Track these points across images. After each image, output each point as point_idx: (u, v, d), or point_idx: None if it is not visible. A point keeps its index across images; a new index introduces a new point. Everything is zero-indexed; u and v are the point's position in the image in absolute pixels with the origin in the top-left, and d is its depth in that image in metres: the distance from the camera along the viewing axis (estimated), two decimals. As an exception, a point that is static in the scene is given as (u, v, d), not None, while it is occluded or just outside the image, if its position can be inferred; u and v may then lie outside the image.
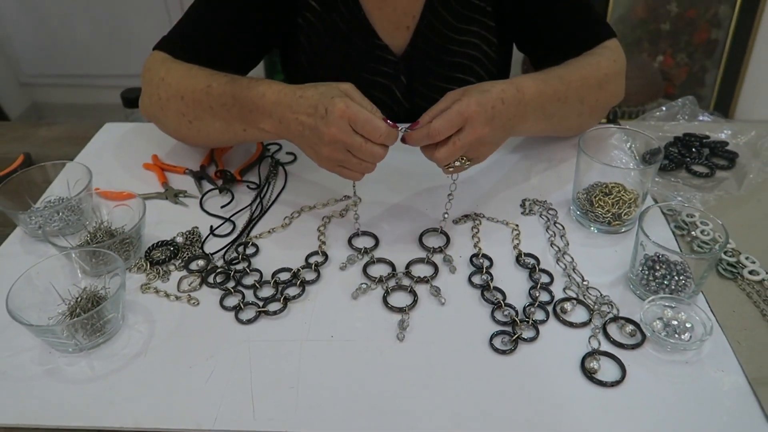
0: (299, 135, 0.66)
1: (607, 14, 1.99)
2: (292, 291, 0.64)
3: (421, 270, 0.67)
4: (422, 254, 0.69)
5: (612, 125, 0.79)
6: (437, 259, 0.69)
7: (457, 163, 0.65)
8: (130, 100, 1.46)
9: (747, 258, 0.67)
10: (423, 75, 0.91)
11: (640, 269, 0.63)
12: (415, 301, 0.63)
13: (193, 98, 0.76)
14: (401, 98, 0.92)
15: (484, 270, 0.66)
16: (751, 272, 0.65)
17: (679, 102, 0.94)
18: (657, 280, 0.62)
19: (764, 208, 0.76)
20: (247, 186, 0.81)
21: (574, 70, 0.78)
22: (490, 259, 0.68)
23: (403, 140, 0.65)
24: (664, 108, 0.94)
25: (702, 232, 0.69)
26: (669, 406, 0.52)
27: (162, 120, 0.82)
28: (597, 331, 0.59)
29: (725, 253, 0.68)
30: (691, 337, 0.57)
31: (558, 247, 0.70)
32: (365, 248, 0.69)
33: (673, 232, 0.71)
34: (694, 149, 0.85)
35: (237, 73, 0.77)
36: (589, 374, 0.55)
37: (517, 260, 0.68)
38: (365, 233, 0.72)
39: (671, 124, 0.92)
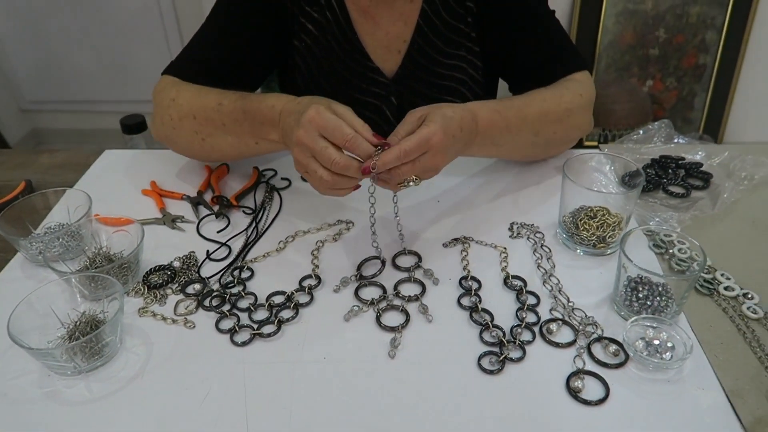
0: (288, 141, 0.70)
1: (597, 40, 2.04)
2: (286, 314, 0.66)
3: (410, 289, 0.69)
4: (405, 275, 0.71)
5: (592, 150, 0.82)
6: (420, 274, 0.71)
7: (411, 183, 0.67)
8: (129, 126, 1.49)
9: (722, 275, 0.69)
10: (412, 96, 0.95)
11: (624, 290, 0.65)
12: (407, 320, 0.65)
13: (205, 116, 0.80)
14: (391, 118, 0.96)
15: (473, 292, 0.68)
16: (726, 288, 0.67)
17: (656, 125, 0.98)
18: (640, 301, 0.64)
19: (737, 227, 0.78)
20: (243, 211, 0.83)
21: (534, 102, 0.81)
22: (478, 282, 0.70)
23: (368, 170, 0.65)
24: (641, 131, 0.97)
25: (679, 250, 0.71)
26: (651, 423, 0.54)
27: (175, 140, 0.86)
28: (582, 351, 0.61)
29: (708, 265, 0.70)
30: (672, 356, 0.59)
31: (545, 269, 0.72)
32: (359, 273, 0.71)
33: (657, 254, 0.73)
34: (670, 170, 0.88)
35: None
36: (574, 393, 0.56)
37: (505, 282, 0.70)
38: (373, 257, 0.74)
39: (648, 147, 0.95)
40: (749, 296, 0.67)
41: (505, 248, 0.75)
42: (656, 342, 0.60)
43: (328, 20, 0.90)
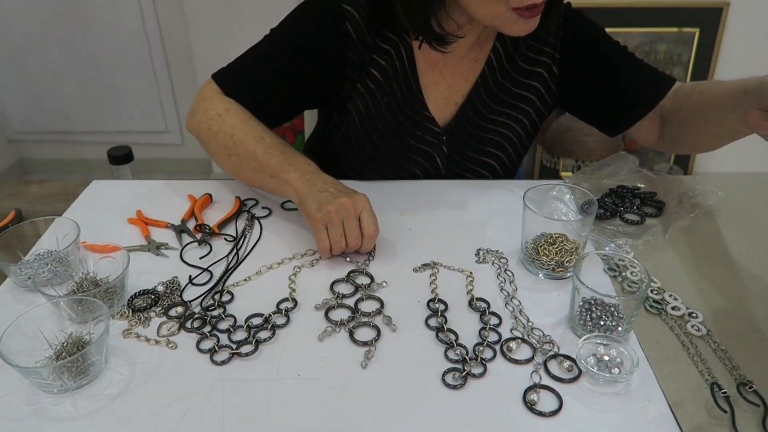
0: (318, 191, 0.81)
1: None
2: (263, 334, 0.70)
3: (370, 305, 0.75)
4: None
5: (552, 181, 0.88)
6: (381, 293, 0.77)
7: None
8: (116, 157, 1.53)
9: (670, 296, 0.75)
10: (461, 147, 1.02)
11: (579, 311, 0.70)
12: (378, 335, 0.70)
13: (242, 140, 0.89)
14: (440, 166, 1.02)
15: (439, 313, 0.73)
16: (673, 308, 0.73)
17: (615, 157, 1.05)
18: (593, 321, 0.69)
19: (685, 252, 0.85)
20: (225, 239, 0.87)
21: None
22: (445, 303, 0.75)
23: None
24: (600, 161, 1.04)
25: (631, 273, 0.77)
26: (600, 432, 0.58)
27: (204, 140, 0.95)
28: (539, 366, 0.66)
29: (651, 291, 0.76)
30: (620, 370, 0.64)
31: (507, 292, 0.77)
32: (341, 293, 0.77)
33: (610, 276, 0.79)
34: (627, 199, 0.95)
35: (275, 121, 0.98)
36: (529, 405, 0.61)
37: (470, 304, 0.75)
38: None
39: (609, 177, 1.02)
40: (694, 315, 0.72)
41: (471, 272, 0.80)
42: (606, 358, 0.65)
43: (395, 69, 0.96)
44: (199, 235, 0.87)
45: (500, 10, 0.81)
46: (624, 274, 0.78)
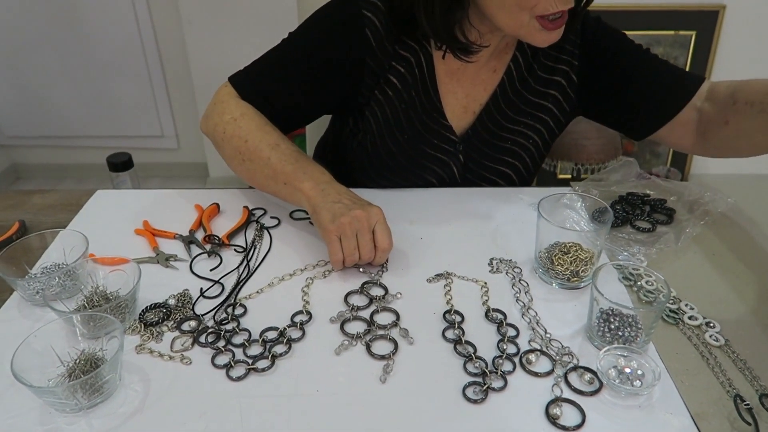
0: (331, 201, 0.80)
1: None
2: (279, 348, 0.69)
3: (386, 317, 0.74)
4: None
5: (564, 189, 0.88)
6: (396, 304, 0.76)
7: None
8: (116, 164, 1.51)
9: (687, 305, 0.75)
10: (478, 155, 1.01)
11: (597, 322, 0.69)
12: (396, 348, 0.69)
13: (257, 146, 0.88)
14: (456, 175, 1.01)
15: (456, 325, 0.72)
16: (690, 318, 0.73)
17: (620, 162, 1.05)
18: (612, 332, 0.68)
19: (699, 259, 0.85)
20: (235, 249, 0.86)
21: None
22: (461, 315, 0.74)
23: None
24: (607, 167, 1.04)
25: (647, 282, 0.77)
26: (624, 447, 0.58)
27: (219, 144, 0.94)
28: (559, 379, 0.65)
29: (668, 301, 0.75)
30: (642, 383, 0.63)
31: (523, 303, 0.76)
32: (356, 306, 0.76)
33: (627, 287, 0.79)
34: (637, 207, 0.94)
35: (290, 126, 0.97)
36: (552, 420, 0.60)
37: (486, 315, 0.74)
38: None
39: (617, 185, 1.02)
40: (711, 325, 0.72)
41: (485, 283, 0.80)
42: (627, 370, 0.65)
43: (414, 76, 0.95)
44: (208, 246, 0.86)
45: (524, 19, 0.81)
46: (639, 283, 0.78)
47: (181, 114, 2.61)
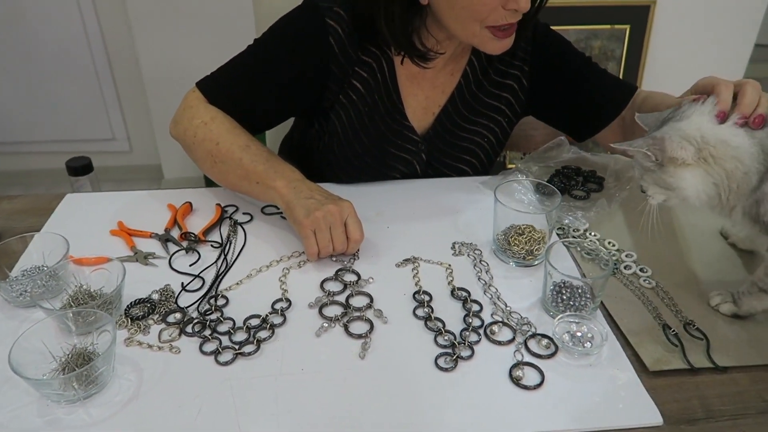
0: (304, 198, 0.85)
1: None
2: (263, 334, 0.74)
3: (361, 300, 0.80)
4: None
5: (510, 169, 1.00)
6: (369, 288, 0.82)
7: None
8: (75, 168, 1.51)
9: (626, 255, 0.89)
10: (439, 153, 1.07)
11: (551, 294, 0.77)
12: (371, 327, 0.75)
13: (228, 148, 0.92)
14: (419, 171, 1.07)
15: (425, 304, 0.79)
16: (625, 267, 0.87)
17: (555, 143, 1.14)
18: (564, 302, 0.76)
19: (629, 219, 0.98)
20: (211, 245, 0.90)
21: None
22: (429, 295, 0.81)
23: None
24: (543, 147, 1.14)
25: (596, 241, 0.91)
26: (579, 400, 0.66)
27: (189, 147, 0.98)
28: (520, 346, 0.73)
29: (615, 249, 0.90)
30: (592, 345, 0.71)
31: (484, 281, 0.83)
32: (332, 291, 0.81)
33: (575, 261, 0.87)
34: (572, 179, 1.06)
35: (258, 128, 1.01)
36: (516, 381, 0.68)
37: (452, 294, 0.81)
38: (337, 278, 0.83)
39: (553, 160, 1.13)
40: (644, 270, 0.86)
41: (449, 264, 0.86)
42: (579, 334, 0.73)
43: (377, 81, 1.00)
44: (185, 243, 0.90)
45: (476, 29, 0.88)
46: (599, 255, 0.86)
47: (132, 116, 2.57)
